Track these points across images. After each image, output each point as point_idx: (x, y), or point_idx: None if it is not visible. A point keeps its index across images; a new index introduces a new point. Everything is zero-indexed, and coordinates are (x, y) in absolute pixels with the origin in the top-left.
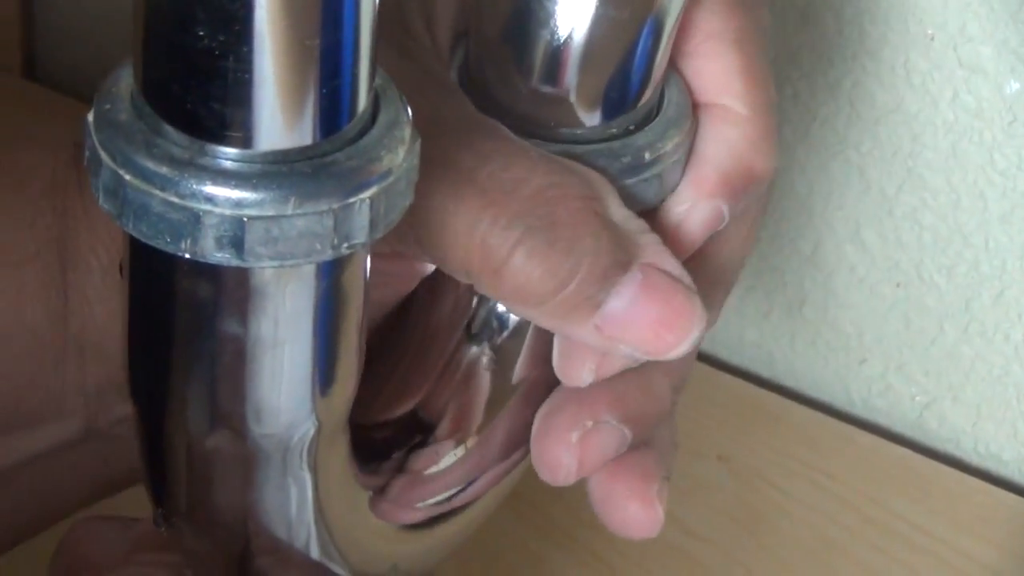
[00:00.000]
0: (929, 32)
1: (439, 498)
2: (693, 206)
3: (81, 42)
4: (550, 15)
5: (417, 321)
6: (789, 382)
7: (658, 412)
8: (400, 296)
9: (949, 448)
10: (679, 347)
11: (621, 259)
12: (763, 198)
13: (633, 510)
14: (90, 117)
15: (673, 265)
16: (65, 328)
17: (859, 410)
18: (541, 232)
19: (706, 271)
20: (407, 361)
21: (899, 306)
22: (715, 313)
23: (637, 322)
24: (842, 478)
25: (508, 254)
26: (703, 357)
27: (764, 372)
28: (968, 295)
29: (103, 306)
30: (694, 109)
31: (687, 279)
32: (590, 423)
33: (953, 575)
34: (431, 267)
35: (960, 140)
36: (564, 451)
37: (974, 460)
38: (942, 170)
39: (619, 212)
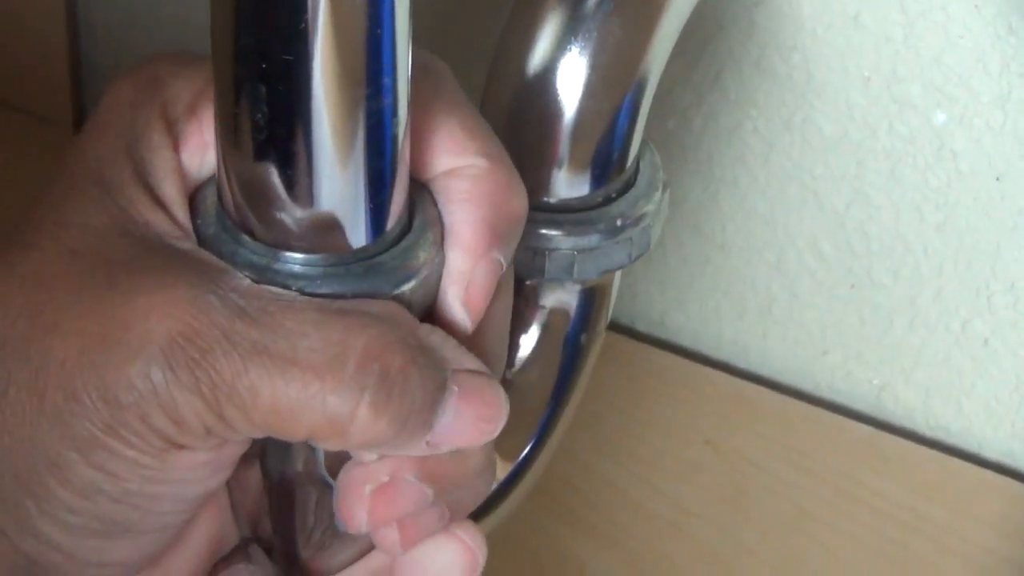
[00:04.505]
0: (866, 74)
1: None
2: (475, 267)
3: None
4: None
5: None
6: (763, 372)
7: (466, 472)
8: (216, 486)
9: (904, 423)
10: (496, 431)
11: (440, 381)
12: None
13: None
14: None
15: (473, 362)
16: None
17: (824, 393)
18: (377, 388)
19: (485, 346)
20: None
21: (854, 304)
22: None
23: (461, 427)
24: (812, 454)
25: (353, 416)
26: (690, 355)
27: (741, 364)
28: (912, 293)
29: None
30: (443, 178)
31: (485, 368)
32: (386, 477)
33: (910, 533)
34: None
35: (897, 164)
36: (357, 503)
37: (926, 433)
38: (884, 189)
39: (422, 333)
